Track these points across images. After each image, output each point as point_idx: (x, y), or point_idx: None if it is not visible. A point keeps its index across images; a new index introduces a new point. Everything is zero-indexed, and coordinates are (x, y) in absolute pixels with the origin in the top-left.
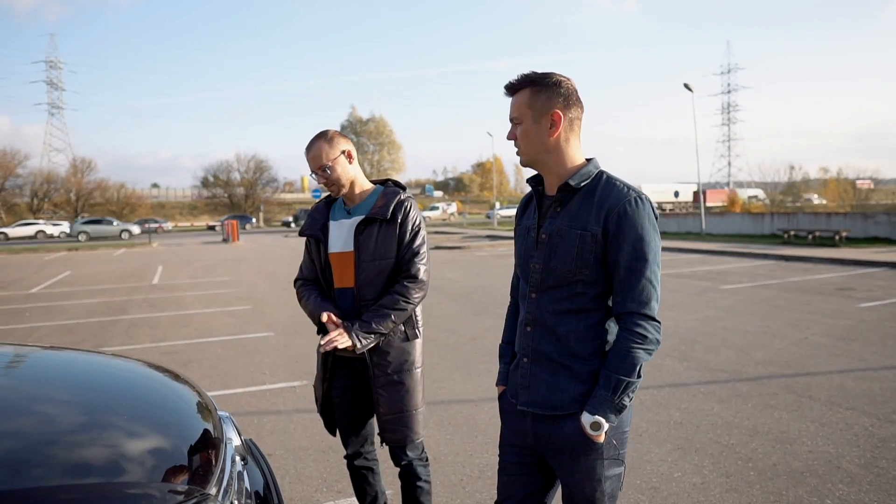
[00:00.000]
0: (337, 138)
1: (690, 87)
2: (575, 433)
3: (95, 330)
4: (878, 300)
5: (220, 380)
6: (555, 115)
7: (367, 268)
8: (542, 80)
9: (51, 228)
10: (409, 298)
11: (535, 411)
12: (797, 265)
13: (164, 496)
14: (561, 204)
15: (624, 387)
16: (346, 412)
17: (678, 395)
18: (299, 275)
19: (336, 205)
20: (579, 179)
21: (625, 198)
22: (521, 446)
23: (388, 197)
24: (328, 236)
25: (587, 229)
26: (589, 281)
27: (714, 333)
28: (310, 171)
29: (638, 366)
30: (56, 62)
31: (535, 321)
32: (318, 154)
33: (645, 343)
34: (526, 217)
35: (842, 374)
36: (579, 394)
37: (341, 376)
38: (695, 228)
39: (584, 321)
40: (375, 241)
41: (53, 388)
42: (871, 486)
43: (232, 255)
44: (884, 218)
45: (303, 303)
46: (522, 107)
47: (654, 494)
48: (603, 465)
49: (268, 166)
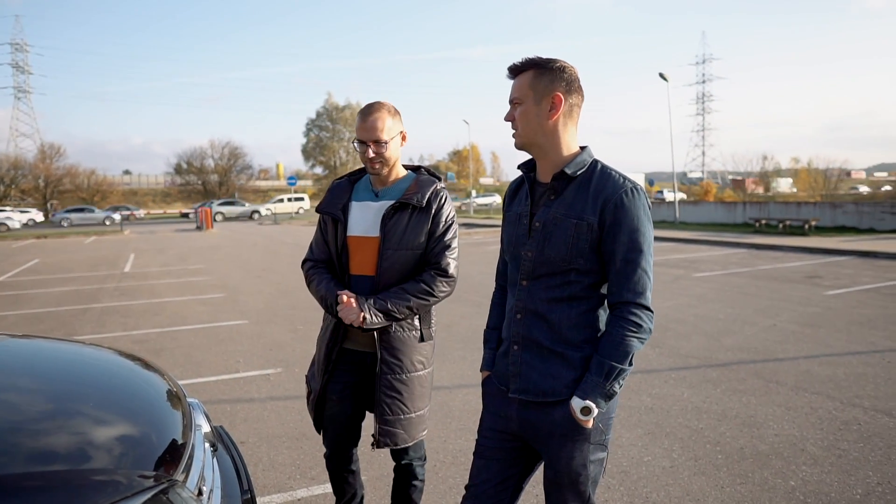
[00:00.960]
0: (399, 115)
1: (666, 77)
2: (564, 418)
3: (65, 319)
4: (844, 287)
5: (193, 368)
6: (556, 97)
7: (392, 256)
8: (546, 64)
9: (18, 215)
10: (433, 290)
11: (528, 398)
12: (768, 253)
13: (132, 482)
14: (555, 192)
15: (616, 373)
16: (342, 409)
17: (650, 380)
18: (309, 255)
19: (360, 184)
20: (575, 168)
21: (621, 188)
22: (503, 431)
23: (424, 184)
24: (348, 217)
25: (583, 219)
26: (583, 270)
27: (686, 320)
28: (357, 138)
29: (631, 354)
30: (22, 45)
31: (525, 309)
32: (380, 126)
33: (639, 332)
34: (516, 203)
35: (808, 360)
36: (571, 380)
37: (345, 371)
38: (669, 217)
39: (576, 309)
40: (405, 229)
41: (20, 376)
42: (832, 467)
43: (206, 243)
44: (852, 208)
45: (313, 286)
46: (524, 87)
47: (625, 478)
48: (590, 449)
49: (242, 153)
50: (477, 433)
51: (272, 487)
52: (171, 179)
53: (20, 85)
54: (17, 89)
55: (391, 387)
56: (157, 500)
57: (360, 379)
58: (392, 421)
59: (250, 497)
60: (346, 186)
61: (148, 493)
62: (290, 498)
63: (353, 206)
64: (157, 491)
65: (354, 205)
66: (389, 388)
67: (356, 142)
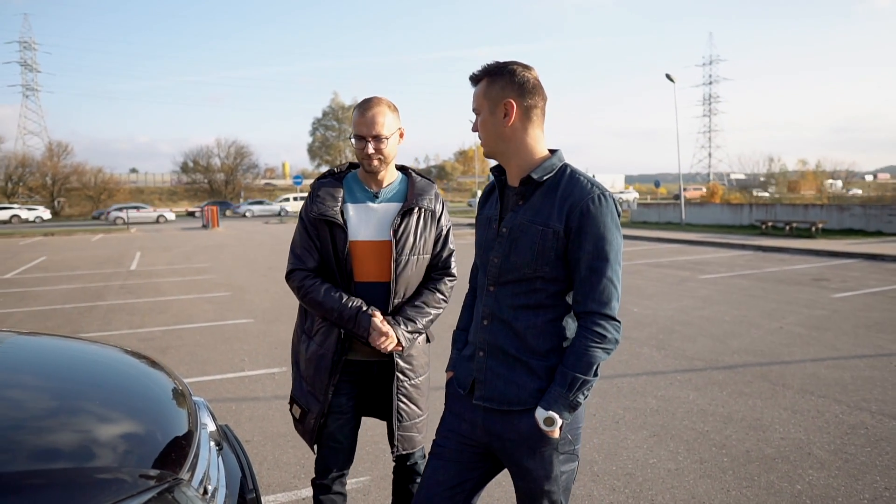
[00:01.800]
0: (397, 112)
1: (672, 78)
2: (530, 429)
3: (72, 316)
4: (851, 290)
5: (199, 366)
6: (507, 104)
7: (408, 261)
8: (497, 70)
9: (26, 213)
10: (447, 297)
11: (491, 406)
12: (774, 256)
13: (136, 481)
14: (523, 197)
15: (580, 384)
16: (345, 423)
17: (655, 382)
18: (298, 265)
19: (351, 184)
20: (542, 173)
21: (588, 195)
22: (465, 435)
23: (425, 188)
24: (347, 220)
25: (549, 226)
26: (549, 278)
27: (691, 322)
28: (355, 133)
29: (595, 365)
30: (30, 43)
31: (492, 315)
32: (381, 120)
33: (603, 343)
34: (488, 206)
35: (815, 363)
36: (535, 389)
37: (347, 382)
38: (675, 219)
39: (542, 317)
40: (416, 234)
41: (25, 373)
42: (839, 471)
43: (212, 242)
44: (859, 210)
45: (313, 297)
46: (479, 97)
47: (630, 480)
48: (559, 459)
49: (248, 152)
50: (436, 433)
51: (277, 486)
52: (178, 178)
53: (28, 83)
54: (25, 87)
55: (408, 393)
56: (163, 498)
57: (363, 389)
58: (409, 426)
59: (255, 496)
60: (336, 185)
61: (153, 491)
62: (295, 497)
63: (350, 209)
64: (161, 489)
65: (351, 207)
66: (406, 395)
67: (353, 137)
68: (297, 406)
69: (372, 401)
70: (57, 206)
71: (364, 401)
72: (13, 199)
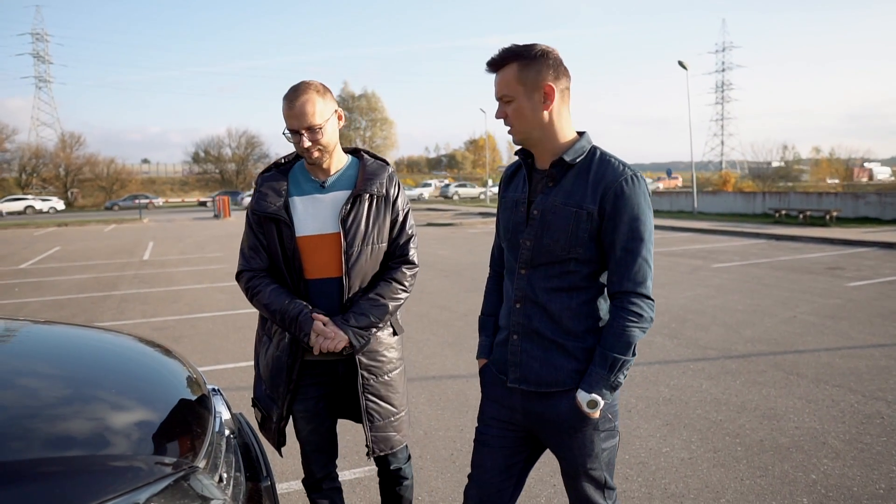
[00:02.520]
0: (328, 93)
1: (685, 65)
2: (570, 410)
3: (86, 305)
4: (866, 279)
5: (212, 355)
6: (547, 88)
7: (360, 253)
8: (527, 53)
9: (40, 204)
10: (406, 286)
11: (528, 388)
12: (788, 244)
13: (151, 468)
14: (554, 179)
15: (620, 365)
16: (318, 426)
17: (668, 371)
18: (244, 265)
19: (297, 175)
20: (574, 155)
21: (621, 176)
22: (506, 421)
23: (375, 171)
24: (293, 215)
25: (583, 207)
26: (582, 259)
27: (704, 311)
28: (287, 128)
29: (633, 344)
30: (43, 34)
31: (525, 297)
32: (310, 110)
33: (641, 322)
34: (513, 188)
35: (829, 352)
36: (573, 370)
37: (312, 384)
38: (687, 207)
39: (577, 298)
40: (368, 222)
41: (41, 362)
42: (854, 461)
43: (223, 231)
44: (874, 198)
45: (259, 299)
46: (512, 83)
47: (643, 469)
48: (600, 437)
49: (259, 142)
50: (477, 421)
51: (291, 474)
52: (189, 168)
53: (41, 74)
54: (38, 79)
55: (376, 392)
56: (178, 486)
57: (331, 390)
58: (383, 425)
59: (270, 484)
60: (280, 179)
61: (169, 479)
62: None
63: (297, 202)
64: (177, 477)
65: (297, 200)
66: (375, 394)
67: (286, 131)
68: (257, 409)
69: (342, 402)
70: (70, 196)
71: (335, 403)
72: (27, 190)
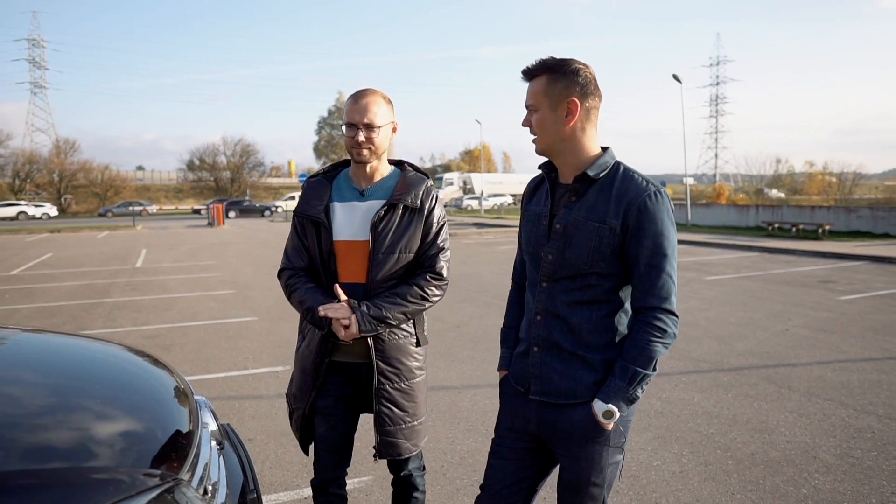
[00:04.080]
0: (391, 105)
1: (679, 79)
2: (585, 420)
3: (77, 313)
4: (858, 293)
5: (203, 364)
6: (571, 103)
7: (384, 261)
8: (559, 68)
9: (33, 209)
10: (428, 295)
11: (549, 400)
12: (780, 257)
13: (134, 480)
14: (577, 194)
15: (640, 378)
16: (335, 425)
17: (660, 384)
18: (286, 264)
19: (340, 182)
20: (597, 170)
21: (644, 192)
22: (521, 431)
23: (414, 182)
24: (332, 219)
25: (605, 223)
26: (604, 273)
27: (697, 324)
28: (347, 121)
29: (655, 359)
30: (39, 40)
31: (545, 311)
32: (374, 109)
33: (664, 337)
34: (535, 202)
35: (821, 366)
36: (592, 382)
37: (335, 383)
38: (681, 219)
39: (597, 312)
40: (397, 231)
41: (27, 371)
42: (845, 475)
43: (217, 239)
44: (866, 212)
45: (295, 298)
46: (539, 94)
47: (634, 482)
48: (609, 451)
49: (254, 150)
50: (494, 432)
51: (279, 485)
52: (184, 176)
53: (36, 80)
54: (33, 84)
55: (390, 397)
56: (162, 498)
57: (353, 390)
58: (393, 431)
59: (256, 496)
60: (324, 185)
61: (153, 491)
62: (297, 496)
63: (337, 208)
64: (161, 490)
65: (338, 206)
66: (389, 399)
67: (345, 126)
68: (288, 405)
69: (363, 405)
70: (64, 202)
71: (355, 405)
72: (20, 196)
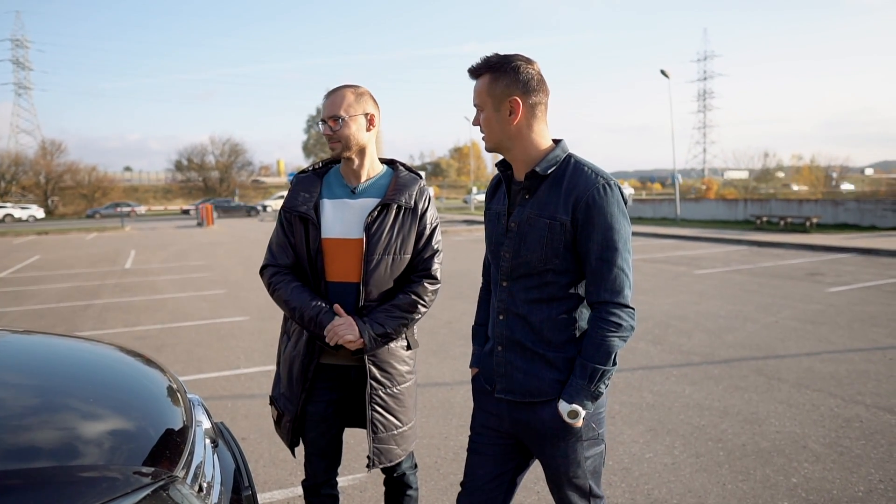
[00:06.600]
0: (366, 97)
1: (667, 74)
2: (553, 419)
3: (66, 315)
4: (846, 285)
5: (195, 364)
6: (513, 102)
7: (380, 261)
8: (500, 66)
9: (19, 212)
10: (426, 301)
11: (514, 398)
12: (769, 251)
13: (129, 478)
14: (529, 191)
15: (600, 375)
16: (325, 431)
17: (651, 377)
18: (270, 261)
19: (331, 179)
20: (546, 165)
21: (593, 185)
22: (495, 429)
23: (407, 182)
24: (321, 216)
25: (556, 218)
26: (559, 270)
27: (687, 317)
28: (320, 119)
29: (613, 354)
30: (23, 41)
31: (507, 310)
32: (338, 102)
33: (619, 331)
34: (496, 201)
35: (810, 357)
36: (554, 380)
37: (325, 388)
38: (670, 214)
39: (556, 309)
40: (392, 232)
41: (19, 371)
42: (834, 464)
43: (207, 240)
44: (853, 205)
45: (279, 296)
46: (482, 94)
47: (626, 475)
48: (583, 446)
49: (243, 149)
50: (470, 429)
51: (273, 484)
52: (172, 176)
53: (21, 81)
54: (17, 85)
55: (383, 403)
56: (157, 496)
57: (343, 395)
58: (386, 438)
59: (251, 493)
60: (314, 181)
61: (148, 489)
62: (291, 494)
63: (326, 204)
64: (156, 487)
65: (328, 203)
66: (381, 405)
67: (319, 122)
68: (273, 408)
69: (352, 410)
70: (51, 204)
71: (344, 410)
72: (6, 198)
